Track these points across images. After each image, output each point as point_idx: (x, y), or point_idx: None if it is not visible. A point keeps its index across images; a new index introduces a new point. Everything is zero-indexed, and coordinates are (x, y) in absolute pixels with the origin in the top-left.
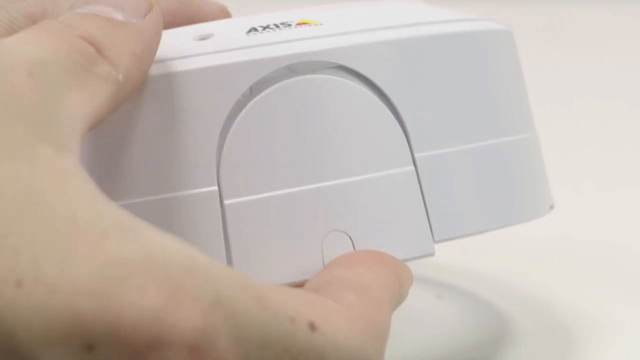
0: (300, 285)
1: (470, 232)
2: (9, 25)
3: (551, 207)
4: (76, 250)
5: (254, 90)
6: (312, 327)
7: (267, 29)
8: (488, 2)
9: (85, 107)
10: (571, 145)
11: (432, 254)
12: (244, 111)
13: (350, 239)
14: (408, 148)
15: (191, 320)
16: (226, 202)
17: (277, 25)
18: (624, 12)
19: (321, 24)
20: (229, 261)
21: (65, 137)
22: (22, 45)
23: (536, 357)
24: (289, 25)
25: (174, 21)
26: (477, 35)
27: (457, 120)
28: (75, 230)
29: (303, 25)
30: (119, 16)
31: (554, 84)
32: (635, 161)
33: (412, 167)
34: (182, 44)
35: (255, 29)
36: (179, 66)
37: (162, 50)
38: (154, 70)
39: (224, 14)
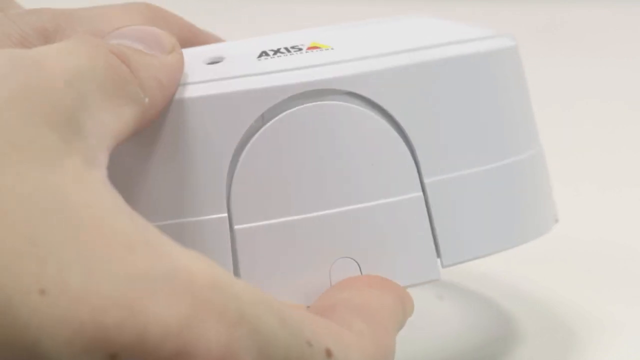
0: None
1: (479, 255)
2: (20, 41)
3: (556, 220)
4: (102, 263)
5: (265, 116)
6: (328, 354)
7: (278, 54)
8: (488, 2)
9: (113, 124)
10: (571, 145)
11: (438, 280)
12: (255, 137)
13: (358, 265)
14: (417, 173)
15: (216, 335)
16: (236, 227)
17: (287, 50)
18: (624, 12)
19: (332, 49)
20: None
21: (95, 150)
22: (62, 54)
23: (537, 358)
24: (300, 49)
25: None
26: (485, 57)
27: (466, 143)
28: (101, 242)
29: (314, 50)
30: (146, 49)
31: (554, 84)
32: (635, 161)
33: (421, 193)
34: (194, 68)
35: (266, 53)
36: (191, 92)
37: None
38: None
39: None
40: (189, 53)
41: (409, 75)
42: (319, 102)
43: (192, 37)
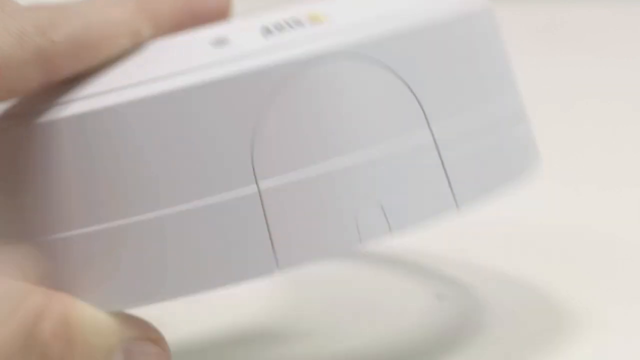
0: None
1: (488, 191)
2: (19, 36)
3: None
4: None
5: (280, 88)
6: None
7: (281, 29)
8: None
9: None
10: (571, 145)
11: (453, 213)
12: (272, 107)
13: (382, 207)
14: (424, 118)
15: None
16: (262, 187)
17: (289, 24)
18: (624, 12)
19: (333, 20)
20: (271, 239)
21: None
22: None
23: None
24: (301, 23)
25: (178, 20)
26: (481, 13)
27: (464, 92)
28: None
29: (315, 22)
30: None
31: (554, 84)
32: (635, 161)
33: (431, 137)
34: (200, 52)
35: (269, 30)
36: (203, 76)
37: (182, 61)
38: (179, 82)
39: (226, 1)
40: (190, 37)
41: (409, 36)
42: (330, 67)
43: (190, 19)
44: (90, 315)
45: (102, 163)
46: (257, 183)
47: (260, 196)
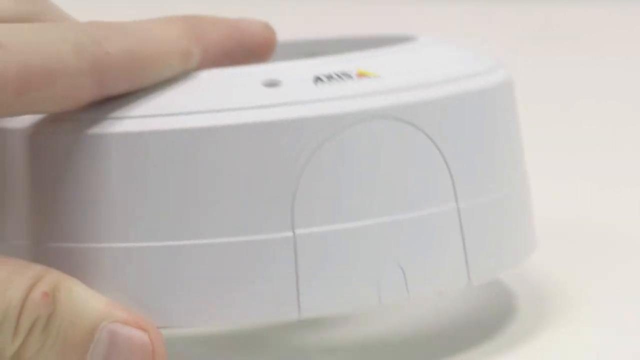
0: None
1: (497, 270)
2: (76, 46)
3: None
4: None
5: (324, 139)
6: None
7: (331, 80)
8: (488, 2)
9: None
10: (569, 145)
11: (464, 287)
12: (314, 157)
13: (403, 271)
14: (452, 189)
15: None
16: (298, 233)
17: (339, 76)
18: (622, 12)
19: (379, 76)
20: (297, 286)
21: None
22: None
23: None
24: (350, 76)
25: (225, 46)
26: (500, 88)
27: (491, 167)
28: None
29: (363, 78)
30: None
31: (551, 84)
32: (635, 161)
33: (456, 207)
34: (251, 91)
35: (320, 79)
36: (254, 116)
37: (233, 97)
38: (232, 118)
39: (268, 29)
40: (242, 73)
41: (448, 104)
42: (371, 125)
43: (237, 46)
44: (81, 288)
45: (146, 184)
46: (293, 230)
47: (295, 242)
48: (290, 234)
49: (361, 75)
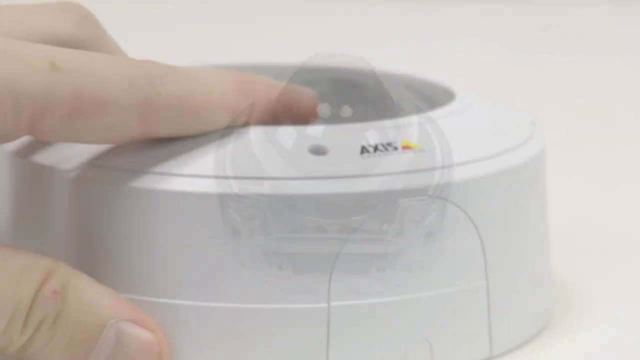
0: None
1: (516, 346)
2: (129, 81)
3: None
4: None
5: (369, 212)
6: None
7: (377, 151)
8: (488, 2)
9: None
10: (571, 144)
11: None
12: (356, 230)
13: (430, 345)
14: (484, 268)
15: None
16: (332, 305)
17: (384, 147)
18: (623, 12)
19: (422, 150)
20: (327, 355)
21: None
22: None
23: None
24: (395, 148)
25: (272, 108)
26: (537, 159)
27: (524, 243)
28: None
29: (407, 150)
30: None
31: (553, 83)
32: (636, 161)
33: (485, 284)
34: (297, 157)
35: (367, 150)
36: (300, 188)
37: (277, 160)
38: (273, 188)
39: (315, 100)
40: (288, 133)
41: (489, 183)
42: (412, 202)
43: (283, 111)
44: (90, 285)
45: (190, 244)
46: (329, 301)
47: (328, 314)
48: (325, 305)
49: (406, 147)
